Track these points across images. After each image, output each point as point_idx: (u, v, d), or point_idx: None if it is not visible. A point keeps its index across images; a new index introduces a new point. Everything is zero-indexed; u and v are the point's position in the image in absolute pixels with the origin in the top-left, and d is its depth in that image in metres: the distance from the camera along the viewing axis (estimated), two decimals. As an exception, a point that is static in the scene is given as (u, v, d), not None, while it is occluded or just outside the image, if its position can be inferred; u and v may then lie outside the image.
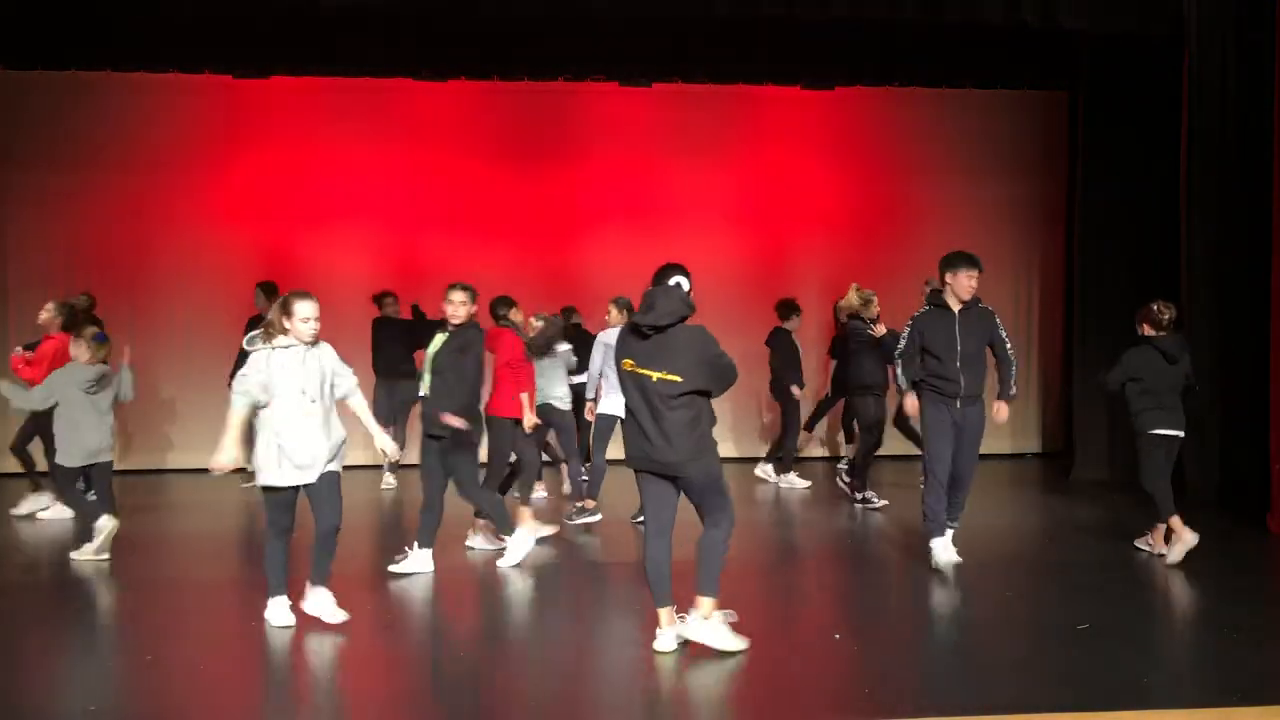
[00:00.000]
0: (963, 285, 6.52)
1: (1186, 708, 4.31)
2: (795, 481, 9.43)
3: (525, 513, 7.01)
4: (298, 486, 5.30)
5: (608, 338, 7.81)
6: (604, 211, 11.06)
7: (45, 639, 5.38)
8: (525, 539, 6.66)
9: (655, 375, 4.80)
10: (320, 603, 5.40)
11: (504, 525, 6.65)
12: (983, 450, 9.85)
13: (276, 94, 10.54)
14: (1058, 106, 11.13)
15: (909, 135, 11.29)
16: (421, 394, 6.45)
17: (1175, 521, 6.54)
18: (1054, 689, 4.54)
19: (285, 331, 5.24)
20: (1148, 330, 6.87)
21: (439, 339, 6.48)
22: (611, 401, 7.73)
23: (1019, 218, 11.48)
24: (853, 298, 8.50)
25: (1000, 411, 6.63)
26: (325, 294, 10.43)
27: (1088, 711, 4.27)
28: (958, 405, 6.43)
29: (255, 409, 5.21)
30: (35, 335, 8.24)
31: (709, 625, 4.96)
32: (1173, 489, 6.75)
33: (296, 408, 5.20)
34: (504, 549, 6.75)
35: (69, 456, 6.76)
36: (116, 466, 10.22)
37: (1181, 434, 6.84)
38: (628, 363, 4.88)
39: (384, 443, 5.66)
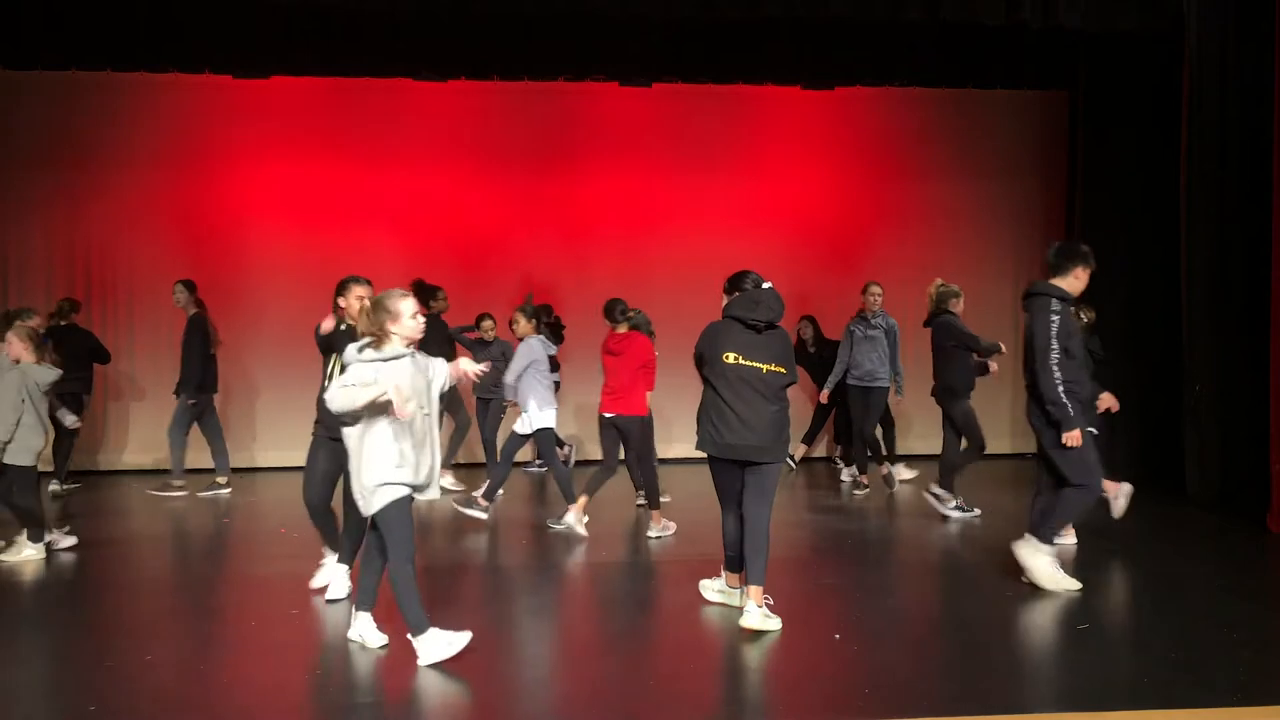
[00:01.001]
0: (1084, 283, 6.04)
1: (1186, 708, 4.31)
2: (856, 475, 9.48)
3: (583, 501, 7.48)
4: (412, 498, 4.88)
5: (533, 347, 7.82)
6: (603, 211, 11.06)
7: (45, 639, 5.38)
8: (336, 573, 5.99)
9: (765, 368, 5.29)
10: (363, 627, 5.14)
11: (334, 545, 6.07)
12: (987, 451, 9.89)
13: (276, 94, 10.54)
14: (1058, 106, 11.13)
15: (909, 135, 11.29)
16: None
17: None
18: (1055, 689, 4.54)
19: (389, 338, 4.80)
20: None
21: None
22: (546, 416, 7.77)
23: (1019, 218, 11.48)
24: (942, 290, 8.27)
25: None
26: (324, 293, 10.49)
27: (1088, 711, 4.27)
28: None
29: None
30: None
31: (764, 613, 5.28)
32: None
33: (410, 420, 4.79)
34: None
35: (28, 456, 6.74)
36: (122, 466, 10.35)
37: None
38: (732, 355, 5.30)
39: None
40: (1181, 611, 5.81)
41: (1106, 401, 7.16)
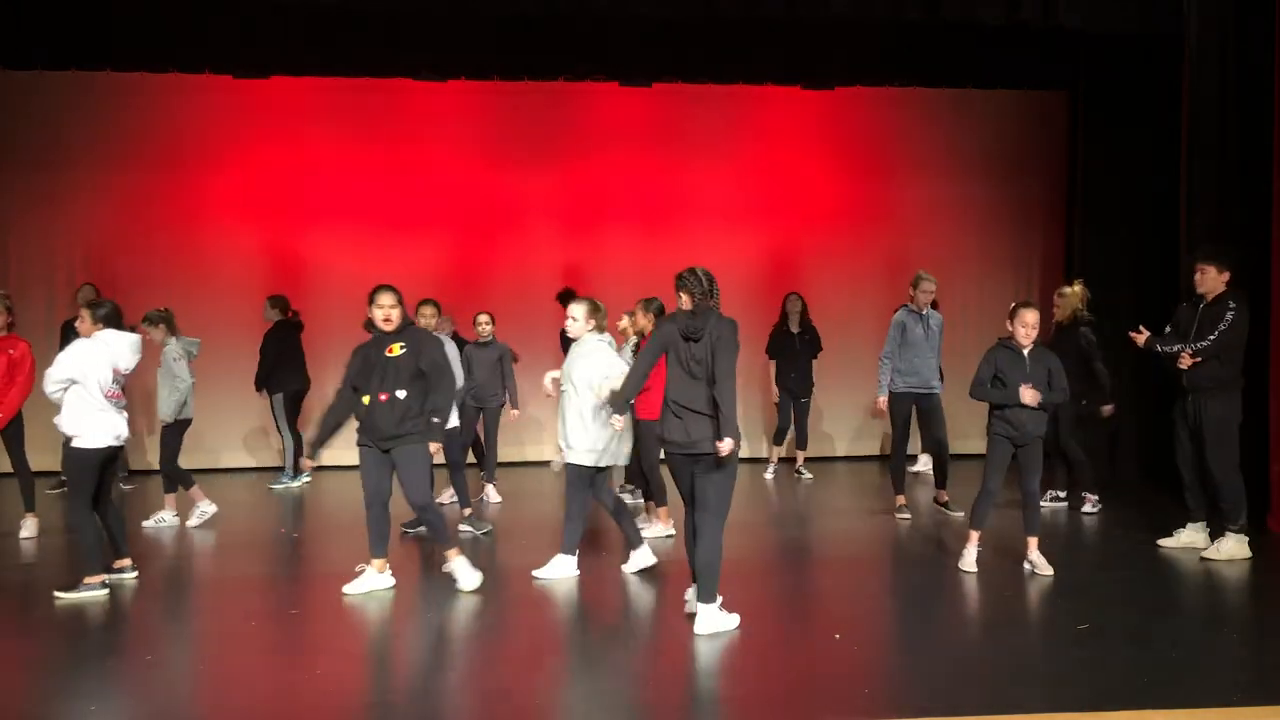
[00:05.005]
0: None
1: (1186, 708, 4.31)
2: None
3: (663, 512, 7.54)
4: None
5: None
6: (603, 211, 11.06)
7: (45, 639, 5.38)
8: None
9: None
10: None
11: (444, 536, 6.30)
12: (982, 450, 9.79)
13: (276, 94, 10.54)
14: (1058, 106, 11.13)
15: (909, 135, 11.30)
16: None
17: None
18: (1054, 689, 4.54)
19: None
20: None
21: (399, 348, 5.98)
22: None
23: (1019, 218, 11.49)
24: (1079, 294, 8.19)
25: None
26: (324, 294, 10.52)
27: (1088, 711, 4.27)
28: None
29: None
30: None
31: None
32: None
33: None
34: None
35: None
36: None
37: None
38: None
39: None
40: (1181, 611, 5.82)
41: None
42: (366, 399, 5.94)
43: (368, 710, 4.43)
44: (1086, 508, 8.24)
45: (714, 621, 5.24)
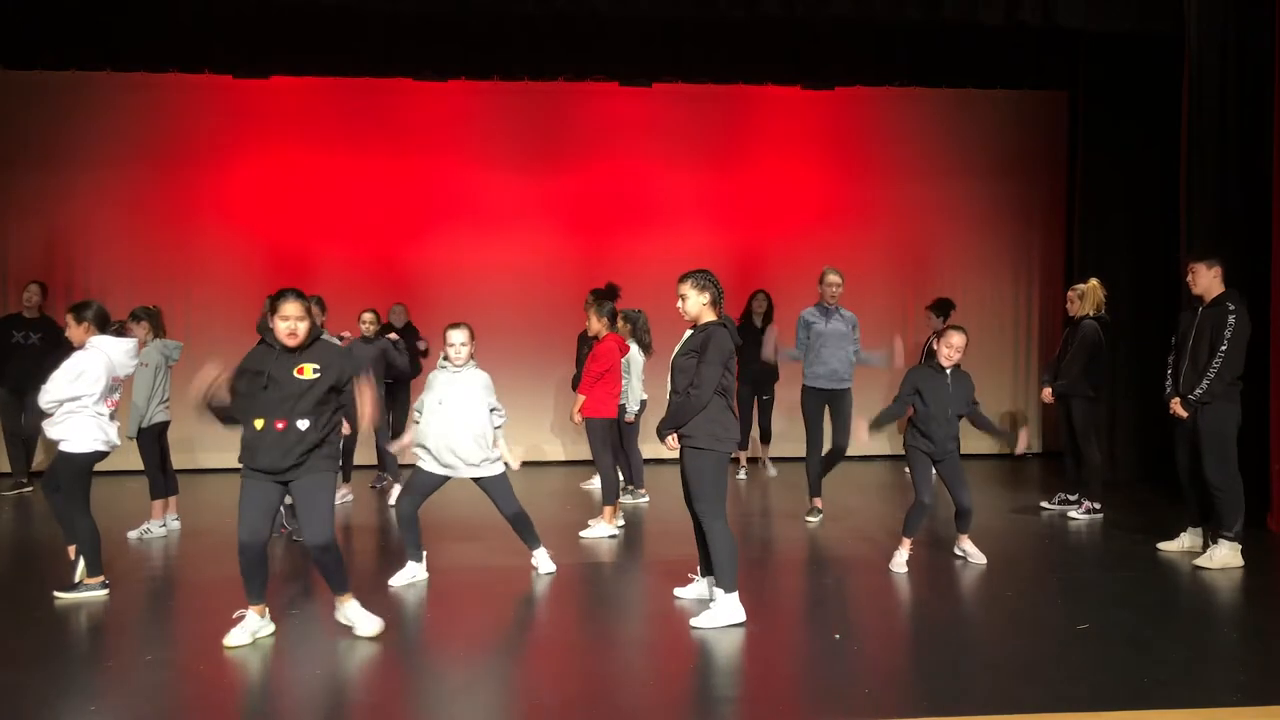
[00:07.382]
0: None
1: (1186, 708, 4.31)
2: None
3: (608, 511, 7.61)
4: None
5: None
6: (604, 211, 11.06)
7: (45, 639, 5.38)
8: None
9: None
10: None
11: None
12: (983, 450, 9.86)
13: (276, 94, 10.55)
14: (1058, 106, 11.14)
15: (909, 135, 11.30)
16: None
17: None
18: (1054, 689, 4.54)
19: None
20: None
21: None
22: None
23: (1019, 218, 11.50)
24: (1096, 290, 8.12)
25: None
26: (322, 294, 10.54)
27: (1088, 711, 4.27)
28: None
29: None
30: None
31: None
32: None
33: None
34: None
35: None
36: (118, 466, 10.23)
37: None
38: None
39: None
40: (1181, 611, 5.82)
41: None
42: (260, 423, 4.97)
43: (366, 711, 4.43)
44: (1078, 512, 8.11)
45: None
